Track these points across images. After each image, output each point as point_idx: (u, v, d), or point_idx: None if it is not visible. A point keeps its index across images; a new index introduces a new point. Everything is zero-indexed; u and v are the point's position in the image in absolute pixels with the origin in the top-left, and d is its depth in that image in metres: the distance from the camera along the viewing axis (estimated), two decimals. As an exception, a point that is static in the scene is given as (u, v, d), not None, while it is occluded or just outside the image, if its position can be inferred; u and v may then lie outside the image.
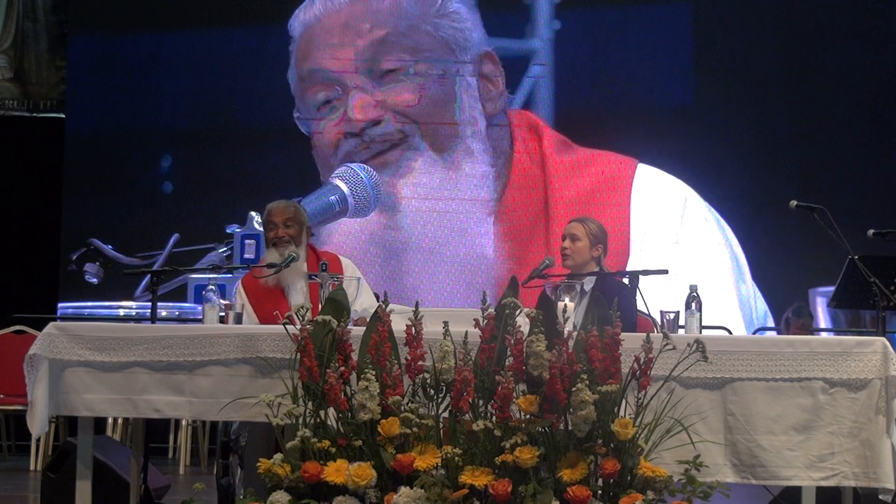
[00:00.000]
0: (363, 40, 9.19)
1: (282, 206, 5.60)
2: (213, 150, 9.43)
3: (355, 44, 9.19)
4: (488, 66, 9.26)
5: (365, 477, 4.11)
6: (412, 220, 9.10)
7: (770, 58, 9.23)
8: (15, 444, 8.62)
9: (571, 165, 9.20)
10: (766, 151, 9.15)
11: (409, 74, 9.17)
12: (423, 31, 9.19)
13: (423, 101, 9.17)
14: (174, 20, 9.55)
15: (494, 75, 9.26)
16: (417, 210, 9.09)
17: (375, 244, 9.09)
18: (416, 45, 9.21)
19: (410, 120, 9.14)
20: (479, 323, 4.22)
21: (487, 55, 9.26)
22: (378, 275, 8.89)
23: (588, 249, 5.57)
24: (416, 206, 9.10)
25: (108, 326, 4.96)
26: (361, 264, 8.09)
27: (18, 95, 9.83)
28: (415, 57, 9.18)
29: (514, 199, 9.18)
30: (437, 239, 9.10)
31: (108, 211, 9.41)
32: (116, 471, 5.45)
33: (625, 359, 4.20)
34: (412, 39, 9.19)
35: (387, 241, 9.09)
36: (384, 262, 9.06)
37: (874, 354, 4.48)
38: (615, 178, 9.16)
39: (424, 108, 9.16)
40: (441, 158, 9.14)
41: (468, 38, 9.24)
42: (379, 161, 9.15)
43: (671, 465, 4.23)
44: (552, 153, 9.21)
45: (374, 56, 9.18)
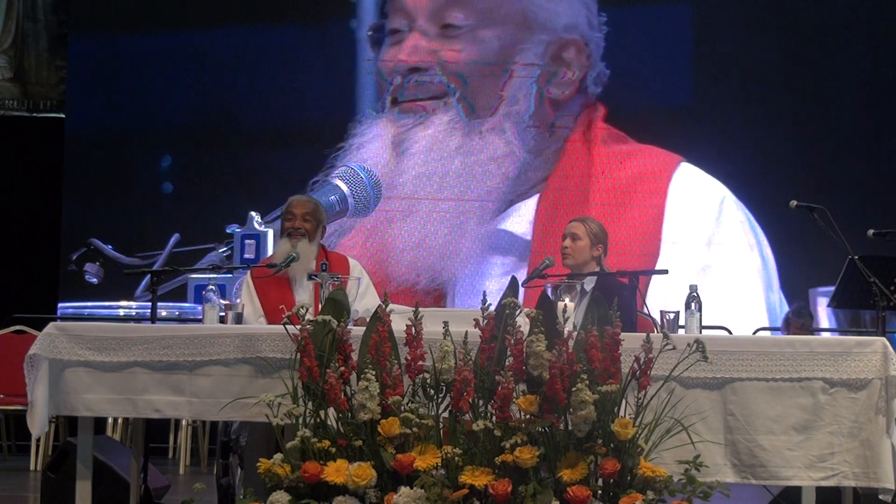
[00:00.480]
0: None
1: (303, 200, 5.75)
2: (213, 150, 9.43)
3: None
4: (570, 52, 9.12)
5: (365, 477, 4.11)
6: (415, 175, 9.01)
7: (770, 58, 9.23)
8: (15, 444, 8.63)
9: (615, 156, 9.14)
10: (765, 151, 9.14)
11: (469, 33, 9.04)
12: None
13: (472, 63, 9.05)
14: (174, 20, 9.55)
15: (573, 63, 9.13)
16: (424, 170, 8.99)
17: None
18: (494, 6, 9.10)
19: (454, 78, 9.06)
20: (479, 323, 4.23)
21: (574, 42, 9.14)
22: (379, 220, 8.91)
23: (588, 249, 5.58)
24: (423, 167, 9.00)
25: (108, 326, 4.96)
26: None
27: (18, 95, 9.83)
28: (482, 20, 9.06)
29: (557, 183, 9.11)
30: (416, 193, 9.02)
31: (108, 211, 9.41)
32: (116, 471, 5.45)
33: (625, 359, 4.20)
34: (484, 3, 9.09)
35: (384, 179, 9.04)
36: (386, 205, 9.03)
37: (874, 354, 4.48)
38: (654, 173, 9.10)
39: (470, 71, 9.05)
40: (469, 125, 9.03)
41: (551, 19, 9.10)
42: (410, 106, 9.08)
43: (671, 465, 4.23)
44: (599, 143, 9.16)
45: (444, 7, 9.09)
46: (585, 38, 9.19)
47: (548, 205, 9.07)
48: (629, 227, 9.01)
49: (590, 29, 9.19)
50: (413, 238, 8.96)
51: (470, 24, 9.08)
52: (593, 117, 9.19)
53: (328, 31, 9.46)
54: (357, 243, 9.00)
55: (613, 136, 9.19)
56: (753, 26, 9.27)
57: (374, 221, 9.05)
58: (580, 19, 9.18)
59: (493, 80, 9.10)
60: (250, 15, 9.49)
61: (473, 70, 9.10)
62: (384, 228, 9.03)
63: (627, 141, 9.19)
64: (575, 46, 9.16)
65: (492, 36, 9.10)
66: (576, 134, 9.19)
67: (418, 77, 9.06)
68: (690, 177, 9.13)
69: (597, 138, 9.17)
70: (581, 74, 9.17)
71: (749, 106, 9.22)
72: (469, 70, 9.10)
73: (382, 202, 9.04)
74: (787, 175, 9.05)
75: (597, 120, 9.18)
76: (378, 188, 9.11)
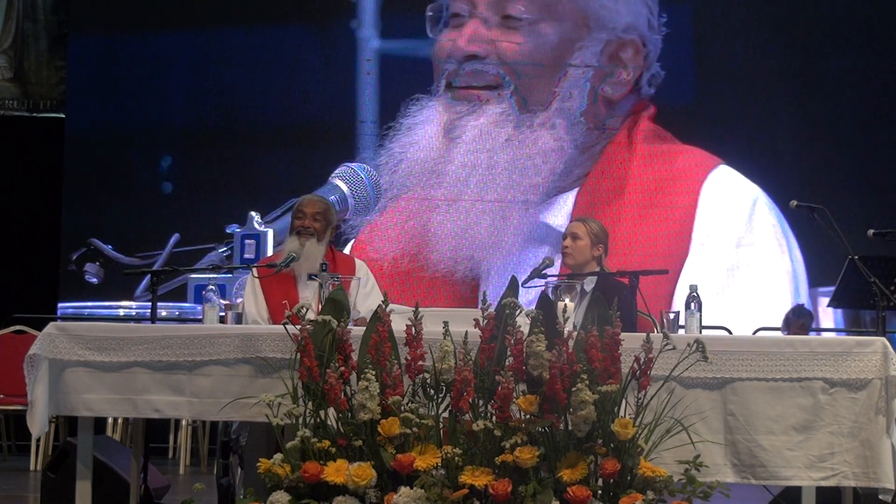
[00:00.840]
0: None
1: (315, 200, 5.76)
2: (213, 150, 9.43)
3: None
4: (628, 52, 9.05)
5: (365, 477, 4.11)
6: (462, 164, 8.93)
7: (770, 58, 9.22)
8: (15, 444, 8.62)
9: (654, 155, 9.10)
10: (765, 151, 9.14)
11: (529, 26, 8.97)
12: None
13: (528, 57, 8.98)
14: (174, 20, 9.54)
15: (630, 63, 9.07)
16: (471, 159, 8.92)
17: (421, 163, 9.00)
18: (556, 2, 9.03)
19: (510, 70, 8.99)
20: (479, 323, 4.23)
21: (632, 42, 9.07)
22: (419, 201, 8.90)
23: (589, 248, 5.59)
24: (471, 156, 8.93)
25: (108, 326, 4.96)
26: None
27: (18, 95, 9.83)
28: (544, 14, 9.01)
29: (595, 179, 9.07)
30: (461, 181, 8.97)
31: (108, 211, 9.41)
32: (116, 471, 5.45)
33: (625, 359, 4.20)
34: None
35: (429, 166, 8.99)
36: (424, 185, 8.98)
37: (874, 354, 4.48)
38: (690, 174, 9.07)
39: (525, 65, 9.00)
40: (520, 118, 8.95)
41: (612, 18, 9.03)
42: (464, 93, 9.01)
43: (671, 465, 4.23)
44: (640, 141, 9.11)
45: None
46: (644, 38, 9.13)
47: (585, 200, 9.03)
48: (660, 226, 8.98)
49: (649, 30, 9.13)
50: (455, 228, 8.90)
51: (531, 17, 9.01)
52: (641, 116, 9.15)
53: (328, 31, 9.46)
54: (396, 224, 8.95)
55: (657, 134, 9.14)
56: (753, 26, 9.26)
57: (417, 207, 8.99)
58: (640, 20, 9.12)
59: (548, 75, 9.03)
60: (250, 15, 9.49)
61: (530, 64, 9.03)
62: (427, 215, 8.95)
63: (670, 140, 9.14)
64: (633, 47, 9.08)
65: (551, 31, 9.03)
66: (622, 132, 9.15)
67: (475, 65, 9.01)
68: (725, 178, 9.05)
69: (639, 136, 9.13)
70: (636, 75, 9.11)
71: (748, 105, 9.21)
72: (525, 63, 9.03)
73: (427, 189, 8.96)
74: (787, 175, 9.05)
75: (644, 118, 9.14)
76: (378, 188, 9.11)
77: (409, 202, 9.01)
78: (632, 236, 8.91)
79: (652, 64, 9.12)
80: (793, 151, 9.17)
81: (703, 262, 8.72)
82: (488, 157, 8.91)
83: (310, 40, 9.46)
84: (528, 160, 8.92)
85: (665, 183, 9.07)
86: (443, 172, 8.96)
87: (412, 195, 9.00)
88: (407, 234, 8.98)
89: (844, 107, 9.17)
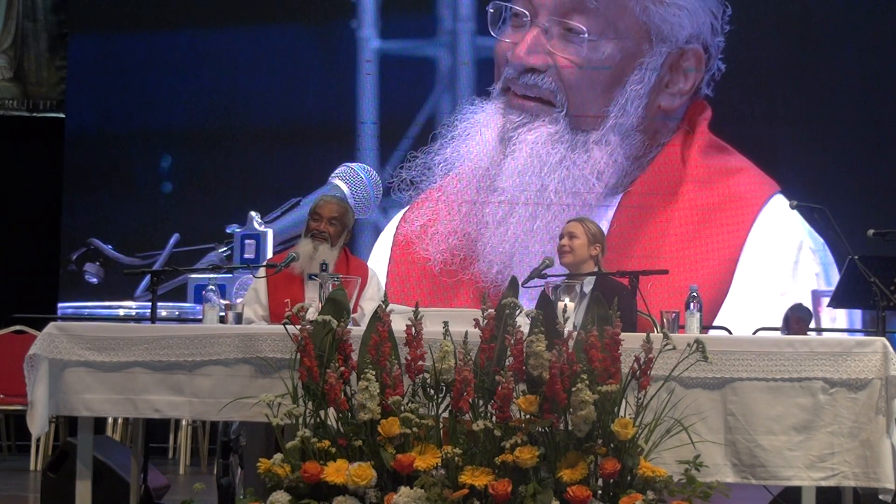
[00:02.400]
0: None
1: (334, 203, 5.66)
2: (213, 150, 9.43)
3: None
4: (689, 61, 8.80)
5: (365, 477, 4.11)
6: (514, 184, 8.73)
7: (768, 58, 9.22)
8: (15, 444, 8.62)
9: (712, 172, 8.85)
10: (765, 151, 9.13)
11: (591, 41, 8.77)
12: (629, 7, 8.79)
13: (585, 74, 8.79)
14: (174, 20, 9.54)
15: (690, 72, 8.85)
16: (524, 180, 8.72)
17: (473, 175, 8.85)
18: (617, 17, 8.81)
19: (567, 86, 8.77)
20: (479, 323, 4.23)
21: (694, 51, 8.82)
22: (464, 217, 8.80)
23: (586, 247, 5.60)
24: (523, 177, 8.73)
25: (108, 326, 4.96)
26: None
27: (18, 95, 9.83)
28: (605, 29, 8.78)
29: (643, 186, 8.83)
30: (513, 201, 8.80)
31: (108, 211, 9.41)
32: (116, 471, 5.45)
33: (625, 359, 4.21)
34: (613, 12, 8.79)
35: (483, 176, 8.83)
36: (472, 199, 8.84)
37: (874, 354, 4.48)
38: (745, 199, 8.79)
39: (582, 81, 8.80)
40: (574, 138, 8.75)
41: (674, 32, 8.78)
42: (523, 104, 8.84)
43: (671, 465, 4.24)
44: (697, 153, 8.88)
45: (569, 10, 8.81)
46: (707, 44, 8.92)
47: (629, 208, 8.81)
48: (706, 251, 8.73)
49: (712, 34, 8.93)
50: (504, 245, 8.78)
51: (592, 32, 8.80)
52: (697, 120, 8.90)
53: (328, 31, 9.45)
54: (444, 228, 8.79)
55: (713, 145, 8.89)
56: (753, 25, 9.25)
57: (468, 214, 8.82)
58: (704, 28, 8.89)
59: (605, 91, 8.81)
60: (250, 15, 9.48)
61: (586, 79, 8.84)
62: (476, 227, 8.79)
63: (728, 153, 8.87)
64: (695, 56, 8.86)
65: (611, 48, 8.81)
66: (676, 137, 8.92)
67: (531, 77, 8.81)
68: (778, 213, 8.71)
69: (695, 149, 8.88)
70: (697, 82, 8.90)
71: (748, 106, 9.21)
72: (582, 79, 8.83)
73: (479, 194, 8.78)
74: (787, 175, 9.04)
75: (701, 123, 8.89)
76: (378, 188, 9.11)
77: (461, 207, 8.84)
78: (677, 255, 8.62)
79: (713, 66, 8.92)
80: (793, 151, 9.16)
81: (745, 310, 8.48)
82: (539, 179, 8.66)
83: (310, 40, 9.46)
84: (582, 182, 8.69)
85: (718, 206, 8.78)
86: (494, 188, 8.78)
87: (463, 198, 8.82)
88: (455, 239, 8.80)
89: (845, 107, 9.16)
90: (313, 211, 5.62)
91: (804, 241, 8.72)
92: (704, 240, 8.78)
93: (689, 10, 8.86)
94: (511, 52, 8.88)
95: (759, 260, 8.72)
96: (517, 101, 8.85)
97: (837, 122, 9.18)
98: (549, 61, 8.82)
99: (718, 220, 8.79)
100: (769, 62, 9.20)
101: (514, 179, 8.73)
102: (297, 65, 9.44)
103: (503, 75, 8.93)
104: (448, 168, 8.90)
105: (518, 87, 8.86)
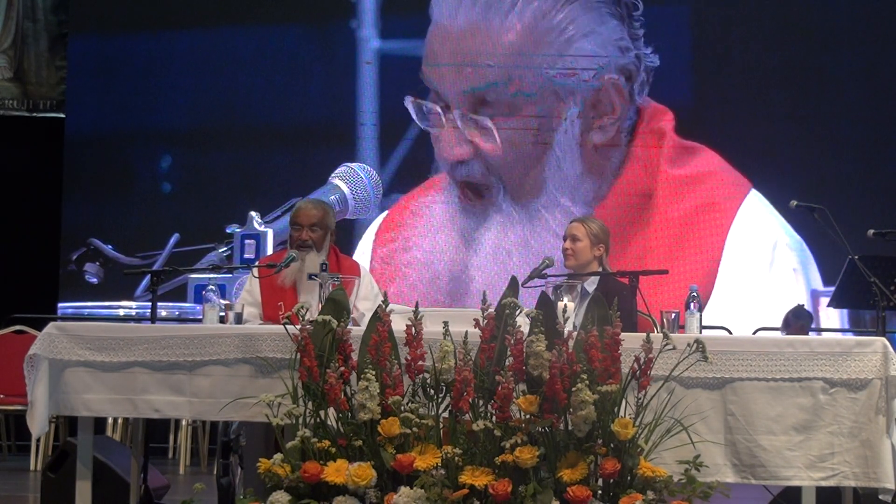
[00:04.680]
0: (473, 71, 8.98)
1: (311, 210, 5.60)
2: (213, 150, 9.43)
3: (465, 72, 9.00)
4: (607, 93, 8.84)
5: (365, 477, 4.11)
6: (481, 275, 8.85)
7: (769, 57, 9.22)
8: (15, 444, 8.63)
9: (682, 182, 8.90)
10: (765, 151, 9.14)
11: (504, 121, 8.89)
12: (526, 79, 8.91)
13: (509, 154, 8.90)
14: (174, 20, 9.54)
15: (612, 104, 8.88)
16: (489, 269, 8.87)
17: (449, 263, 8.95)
18: (522, 88, 8.91)
19: (495, 168, 8.91)
20: (479, 323, 4.23)
21: (613, 83, 8.87)
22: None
23: (589, 249, 5.58)
24: (489, 267, 8.88)
25: (108, 326, 4.96)
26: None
27: (18, 95, 9.83)
28: (516, 105, 8.88)
29: (608, 212, 8.81)
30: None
31: (108, 211, 9.42)
32: (116, 471, 5.45)
33: (625, 359, 4.20)
34: (523, 81, 8.90)
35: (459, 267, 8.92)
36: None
37: (874, 354, 4.48)
38: (720, 205, 8.87)
39: (509, 159, 8.91)
40: (521, 213, 8.85)
41: (580, 84, 8.87)
42: (466, 203, 8.96)
43: (671, 465, 4.23)
44: (667, 164, 8.89)
45: (477, 90, 8.96)
46: (626, 72, 8.96)
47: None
48: (689, 261, 8.81)
49: (623, 55, 8.95)
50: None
51: (503, 111, 8.92)
52: (660, 128, 8.93)
53: (328, 31, 9.46)
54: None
55: (684, 151, 8.91)
56: (753, 25, 9.26)
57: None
58: (612, 57, 8.94)
59: (536, 158, 8.90)
60: (250, 15, 9.49)
61: (513, 154, 8.93)
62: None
63: (698, 155, 8.89)
64: (614, 88, 8.91)
65: (529, 116, 8.92)
66: (635, 150, 8.94)
67: (463, 169, 8.96)
68: (753, 213, 8.84)
69: (664, 157, 8.90)
70: (624, 104, 8.93)
71: (748, 105, 9.21)
72: (509, 156, 8.93)
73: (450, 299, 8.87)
74: (788, 175, 9.05)
75: (666, 131, 8.92)
76: (378, 188, 9.11)
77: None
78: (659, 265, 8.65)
79: (639, 76, 8.94)
80: (793, 151, 9.16)
81: (729, 304, 8.59)
82: (504, 267, 8.77)
83: (310, 40, 9.47)
84: (545, 244, 8.75)
85: (693, 214, 8.84)
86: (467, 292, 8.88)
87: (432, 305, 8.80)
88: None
89: (844, 106, 9.17)
90: (293, 221, 5.60)
91: (779, 239, 8.84)
92: (686, 250, 8.85)
93: (589, 54, 8.93)
94: (437, 148, 9.04)
95: (737, 260, 8.82)
96: (463, 193, 8.98)
97: (837, 122, 9.19)
98: (472, 151, 8.96)
99: (696, 228, 8.87)
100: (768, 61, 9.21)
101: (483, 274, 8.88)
102: (297, 65, 9.45)
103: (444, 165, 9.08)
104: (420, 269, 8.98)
105: (456, 181, 9.03)
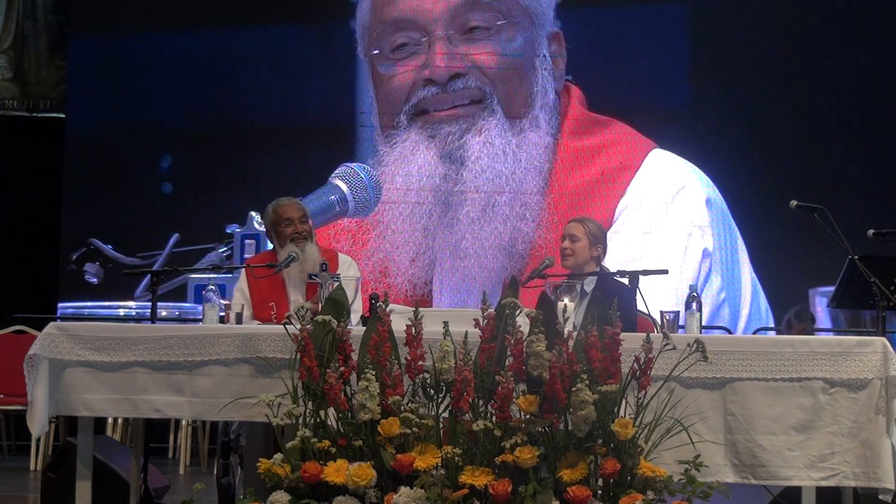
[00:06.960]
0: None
1: (296, 204, 5.71)
2: (213, 150, 9.43)
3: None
4: (554, 46, 9.13)
5: (365, 477, 4.11)
6: (474, 176, 8.93)
7: (769, 58, 9.22)
8: (15, 444, 8.62)
9: (581, 152, 9.11)
10: (765, 152, 9.14)
11: (493, 34, 9.05)
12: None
13: (504, 64, 9.05)
14: (174, 20, 9.55)
15: (557, 56, 9.14)
16: (481, 168, 8.94)
17: (433, 191, 9.01)
18: (504, 8, 9.08)
19: (490, 80, 9.04)
20: (479, 323, 4.23)
21: (556, 35, 9.15)
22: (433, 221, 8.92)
23: (587, 249, 5.59)
24: (482, 164, 8.95)
25: (108, 326, 4.96)
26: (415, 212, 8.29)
27: (18, 95, 9.83)
28: (501, 19, 9.05)
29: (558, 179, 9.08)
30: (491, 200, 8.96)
31: (108, 211, 9.42)
32: (116, 471, 5.45)
33: (625, 359, 4.20)
34: (501, 3, 9.09)
35: (444, 190, 8.99)
36: (439, 212, 8.99)
37: (874, 354, 4.48)
38: (617, 171, 9.07)
39: (503, 71, 9.04)
40: (512, 124, 9.01)
41: (545, 12, 9.11)
42: (454, 113, 9.02)
43: (671, 465, 4.23)
44: (568, 138, 9.11)
45: (464, 12, 9.06)
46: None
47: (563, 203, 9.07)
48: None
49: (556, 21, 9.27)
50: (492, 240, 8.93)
51: (492, 24, 9.07)
52: (569, 103, 9.17)
53: (328, 31, 9.46)
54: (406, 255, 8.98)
55: (588, 123, 9.12)
56: (752, 25, 9.26)
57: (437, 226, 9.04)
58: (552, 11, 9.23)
59: (523, 79, 9.06)
60: (251, 15, 9.49)
61: (506, 69, 9.07)
62: (447, 233, 8.97)
63: (603, 126, 9.09)
64: (556, 40, 9.17)
65: (513, 34, 9.08)
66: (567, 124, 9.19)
67: (460, 82, 9.02)
68: (656, 168, 9.04)
69: (566, 131, 9.13)
70: (563, 64, 9.19)
71: (748, 106, 9.21)
72: (502, 70, 9.06)
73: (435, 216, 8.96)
74: (787, 175, 9.05)
75: (573, 105, 9.15)
76: (378, 188, 9.11)
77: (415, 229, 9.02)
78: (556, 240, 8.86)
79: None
80: (792, 151, 9.17)
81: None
82: (495, 169, 8.91)
83: (310, 40, 9.47)
84: (528, 170, 8.94)
85: (592, 184, 9.05)
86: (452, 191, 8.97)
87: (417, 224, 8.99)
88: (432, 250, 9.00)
89: (844, 106, 9.17)
90: (280, 219, 5.64)
91: (688, 183, 9.00)
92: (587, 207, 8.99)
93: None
94: (427, 71, 9.05)
95: (635, 208, 8.99)
96: (443, 116, 9.02)
97: (837, 122, 9.19)
98: (468, 63, 9.04)
99: (594, 195, 9.03)
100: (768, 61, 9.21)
101: (475, 181, 8.92)
102: (297, 65, 9.45)
103: (414, 100, 9.06)
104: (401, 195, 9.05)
105: (442, 102, 9.04)
